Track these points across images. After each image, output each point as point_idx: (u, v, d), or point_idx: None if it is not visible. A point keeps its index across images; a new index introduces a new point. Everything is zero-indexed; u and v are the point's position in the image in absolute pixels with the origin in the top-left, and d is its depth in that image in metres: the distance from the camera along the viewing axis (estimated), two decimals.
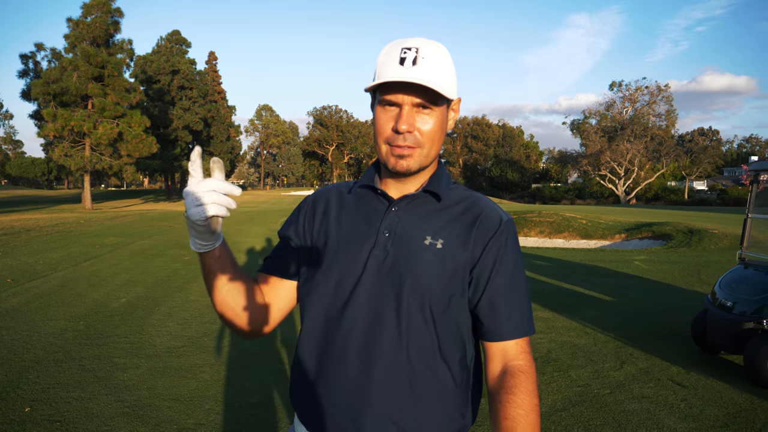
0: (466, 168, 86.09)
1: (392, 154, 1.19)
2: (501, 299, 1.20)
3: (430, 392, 1.18)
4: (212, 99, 55.76)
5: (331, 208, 1.32)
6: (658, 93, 61.44)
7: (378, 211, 1.26)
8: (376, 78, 1.18)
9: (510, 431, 1.10)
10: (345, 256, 1.23)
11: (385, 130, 1.19)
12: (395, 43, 1.19)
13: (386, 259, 1.19)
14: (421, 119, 1.17)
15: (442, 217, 1.24)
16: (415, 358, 1.17)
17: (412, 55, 1.15)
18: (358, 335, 1.18)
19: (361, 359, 1.17)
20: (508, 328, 1.19)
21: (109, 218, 21.87)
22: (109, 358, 4.98)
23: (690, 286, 8.99)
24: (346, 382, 1.18)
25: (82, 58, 30.28)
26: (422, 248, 1.19)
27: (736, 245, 13.54)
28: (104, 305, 7.06)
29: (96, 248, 12.52)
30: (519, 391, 1.13)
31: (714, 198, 52.69)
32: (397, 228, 1.22)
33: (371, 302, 1.18)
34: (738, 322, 4.78)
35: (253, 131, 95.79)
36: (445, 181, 1.28)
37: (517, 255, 1.25)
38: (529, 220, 21.47)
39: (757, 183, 5.50)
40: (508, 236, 1.23)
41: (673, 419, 3.87)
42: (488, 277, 1.20)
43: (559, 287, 8.94)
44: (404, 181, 1.25)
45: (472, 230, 1.22)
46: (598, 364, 5.04)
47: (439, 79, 1.16)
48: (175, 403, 4.04)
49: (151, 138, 32.51)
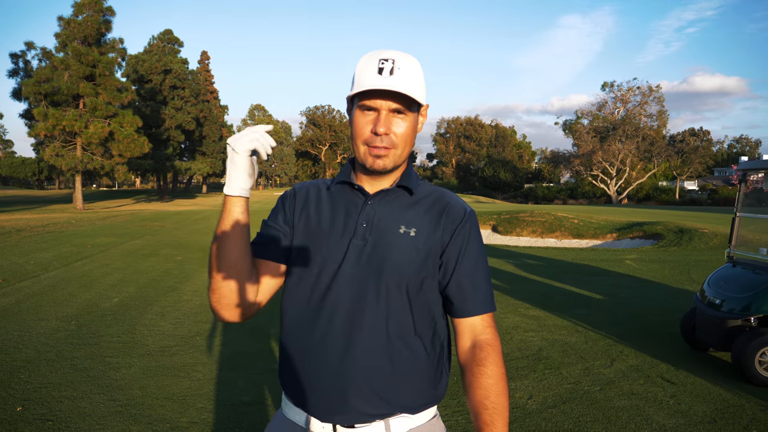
0: (458, 168, 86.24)
1: (370, 154, 1.31)
2: (467, 280, 1.34)
3: (408, 366, 1.30)
4: (204, 99, 55.57)
5: (311, 201, 1.42)
6: (649, 93, 61.81)
7: (356, 204, 1.38)
8: (355, 86, 1.31)
9: (484, 399, 1.24)
10: (327, 244, 1.34)
11: (363, 132, 1.30)
12: (373, 54, 1.31)
13: (365, 247, 1.31)
14: (396, 123, 1.30)
15: (413, 209, 1.37)
16: (394, 336, 1.29)
17: (389, 65, 1.28)
18: (341, 316, 1.28)
19: (344, 338, 1.27)
20: (474, 306, 1.34)
21: (101, 218, 21.77)
22: (101, 358, 4.98)
23: (680, 285, 9.07)
24: (330, 360, 1.27)
25: (74, 57, 30.09)
26: (397, 236, 1.32)
27: (725, 244, 13.66)
28: (96, 305, 7.04)
29: (87, 248, 12.47)
30: (488, 363, 1.28)
31: (705, 198, 53.06)
32: (373, 219, 1.34)
33: (352, 286, 1.29)
34: (726, 319, 4.84)
35: None
36: (415, 178, 1.42)
37: (480, 242, 1.40)
38: (521, 219, 21.55)
39: (745, 182, 5.57)
40: (472, 225, 1.38)
41: (662, 415, 3.92)
42: (456, 262, 1.34)
43: (551, 286, 9.00)
44: (379, 178, 1.38)
45: (440, 220, 1.36)
46: (589, 362, 5.08)
47: (413, 88, 1.29)
48: (167, 401, 4.05)
49: (143, 138, 32.36)
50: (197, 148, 55.74)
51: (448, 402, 4.11)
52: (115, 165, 32.16)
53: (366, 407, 1.27)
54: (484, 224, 22.45)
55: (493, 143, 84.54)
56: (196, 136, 54.08)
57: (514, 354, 5.31)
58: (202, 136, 54.91)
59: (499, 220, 22.15)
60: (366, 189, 1.38)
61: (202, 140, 55.18)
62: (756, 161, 5.46)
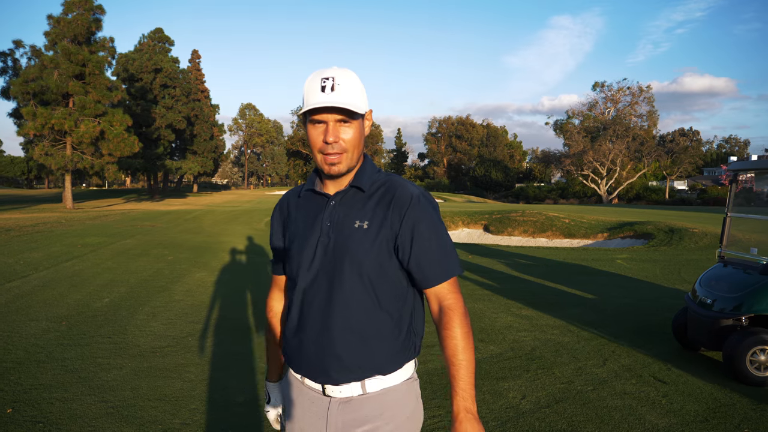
0: (450, 167, 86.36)
1: (326, 163, 1.55)
2: (424, 257, 1.54)
3: (376, 336, 1.54)
4: (195, 98, 55.31)
5: (291, 212, 1.72)
6: (639, 94, 62.14)
7: (320, 206, 1.64)
8: (304, 104, 1.54)
9: (452, 356, 1.50)
10: (303, 245, 1.61)
11: (317, 142, 1.55)
12: (316, 75, 1.54)
13: (329, 243, 1.57)
14: (343, 131, 1.54)
15: (366, 204, 1.59)
16: (361, 312, 1.54)
17: (330, 83, 1.51)
18: (318, 301, 1.56)
19: (321, 318, 1.55)
20: (433, 276, 1.55)
21: (91, 218, 21.60)
22: (92, 359, 4.94)
23: (671, 284, 9.12)
24: (312, 336, 1.57)
25: (63, 56, 29.83)
26: (353, 230, 1.55)
27: (716, 244, 13.76)
28: (87, 305, 6.99)
29: (78, 248, 12.37)
30: (452, 325, 1.52)
31: (694, 198, 53.43)
32: (334, 218, 1.59)
33: (324, 276, 1.56)
34: (717, 318, 4.87)
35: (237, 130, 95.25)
36: (368, 174, 1.63)
37: (431, 218, 1.57)
38: (513, 219, 21.61)
39: (735, 183, 5.60)
40: (419, 207, 1.56)
41: (655, 415, 3.93)
42: (410, 243, 1.54)
43: (543, 285, 9.02)
44: (337, 180, 1.62)
45: (389, 209, 1.56)
46: (582, 362, 5.10)
47: (352, 100, 1.52)
48: (160, 403, 4.02)
49: (134, 137, 32.14)
50: (188, 148, 55.47)
51: (441, 402, 4.11)
52: (105, 164, 31.91)
53: (343, 371, 1.54)
54: (476, 224, 22.49)
55: (484, 143, 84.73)
56: (187, 135, 53.83)
57: (507, 354, 5.32)
58: (193, 135, 54.65)
59: (490, 220, 22.20)
60: (330, 191, 1.63)
61: (193, 139, 54.92)
62: (746, 161, 5.50)
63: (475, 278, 9.63)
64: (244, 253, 12.41)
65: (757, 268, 4.93)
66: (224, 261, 11.15)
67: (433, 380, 4.55)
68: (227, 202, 43.66)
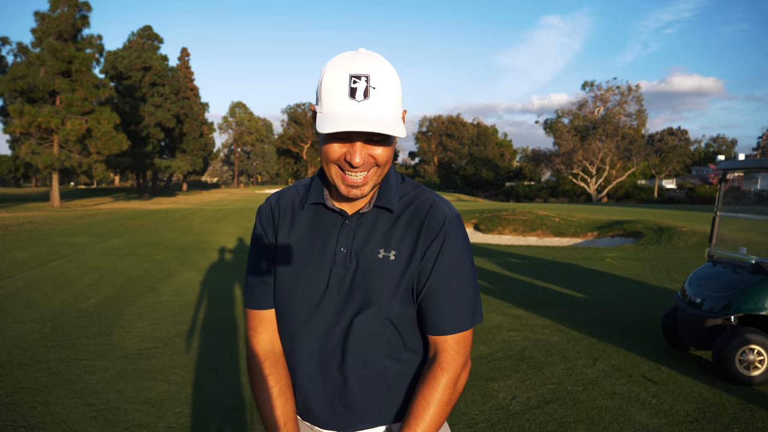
0: (440, 166, 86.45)
1: (344, 183, 1.20)
2: (439, 296, 1.25)
3: (401, 380, 1.29)
4: (185, 96, 54.98)
5: (286, 226, 1.33)
6: (628, 93, 62.51)
7: (333, 225, 1.30)
8: (323, 106, 1.16)
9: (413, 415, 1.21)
10: (308, 273, 1.28)
11: (335, 153, 1.18)
12: (342, 65, 1.15)
13: (345, 277, 1.26)
14: (375, 149, 1.18)
15: (393, 228, 1.27)
16: (384, 356, 1.27)
17: (363, 85, 1.12)
18: (332, 347, 1.26)
19: (335, 362, 1.26)
20: (444, 323, 1.25)
21: (79, 217, 21.39)
22: (76, 361, 4.85)
23: (660, 283, 9.14)
24: (326, 388, 1.28)
25: (49, 53, 29.51)
26: (376, 262, 1.25)
27: (704, 243, 13.84)
28: (72, 306, 6.89)
29: (64, 248, 12.22)
30: (431, 385, 1.22)
31: (683, 196, 53.80)
32: (352, 244, 1.27)
33: (338, 317, 1.25)
34: (707, 318, 4.86)
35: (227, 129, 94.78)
36: (394, 190, 1.30)
37: (459, 251, 1.28)
38: (503, 218, 21.63)
39: (725, 182, 5.60)
40: (449, 233, 1.26)
41: (645, 415, 3.92)
42: (427, 276, 1.25)
43: (533, 285, 9.02)
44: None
45: (420, 234, 1.26)
46: (572, 362, 5.08)
47: (391, 113, 1.16)
48: (145, 406, 3.95)
49: (122, 135, 31.86)
50: (177, 146, 55.12)
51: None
52: (93, 163, 31.62)
53: (366, 422, 1.29)
54: (467, 222, 22.50)
55: (474, 142, 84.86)
56: (177, 134, 53.47)
57: (497, 354, 5.29)
58: (183, 133, 54.31)
59: (481, 219, 22.21)
60: (345, 209, 1.30)
61: (182, 138, 54.58)
62: (736, 161, 5.51)
63: None
64: (233, 253, 12.32)
65: (746, 268, 4.94)
66: (213, 260, 11.06)
67: None
68: (217, 200, 43.41)
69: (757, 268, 4.80)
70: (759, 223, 5.53)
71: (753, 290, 4.68)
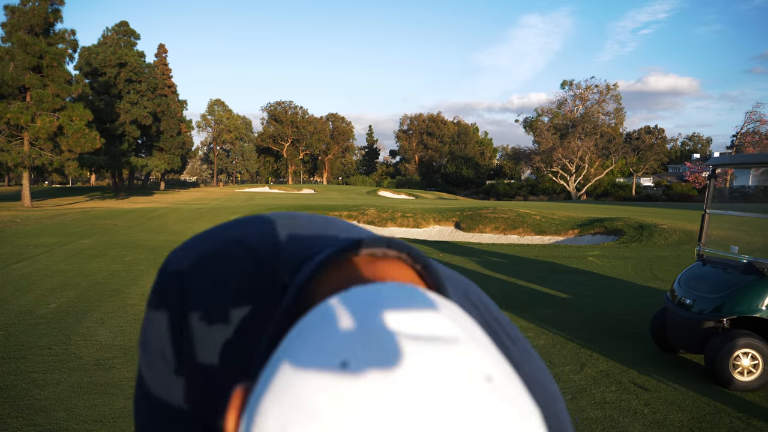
0: (421, 164, 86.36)
1: None
2: None
3: None
4: (162, 93, 53.98)
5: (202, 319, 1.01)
6: (606, 92, 63.03)
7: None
8: None
9: None
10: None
11: None
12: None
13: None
14: None
15: None
16: None
17: None
18: None
19: None
20: None
21: (49, 216, 20.71)
22: (26, 374, 4.47)
23: (644, 282, 8.97)
24: None
25: (19, 47, 28.62)
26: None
27: (685, 240, 13.78)
28: (30, 312, 6.46)
29: (30, 249, 11.70)
30: None
31: (659, 194, 54.37)
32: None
33: None
34: (698, 320, 4.65)
35: (206, 126, 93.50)
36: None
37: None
38: (484, 216, 21.46)
39: (715, 178, 5.40)
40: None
41: (638, 426, 3.67)
42: None
43: (515, 284, 8.78)
44: None
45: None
46: (558, 367, 4.83)
47: None
48: (96, 425, 3.60)
49: (95, 132, 31.03)
50: (154, 144, 54.13)
51: None
52: (65, 161, 30.75)
53: None
54: (447, 221, 22.29)
55: (455, 140, 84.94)
56: (154, 132, 52.51)
57: None
58: (160, 131, 53.33)
59: (461, 217, 22.01)
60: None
61: (159, 136, 53.60)
62: (727, 156, 5.31)
63: None
64: None
65: (737, 268, 4.73)
66: None
67: None
68: (195, 199, 42.66)
69: (750, 268, 4.59)
70: (750, 221, 5.34)
71: (746, 291, 4.47)
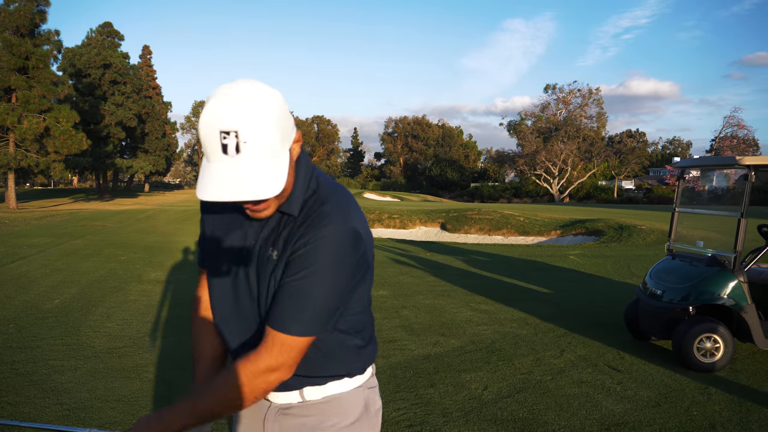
0: (406, 167, 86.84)
1: (248, 210, 1.29)
2: (278, 291, 1.30)
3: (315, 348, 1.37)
4: (147, 95, 53.82)
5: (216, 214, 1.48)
6: (589, 96, 64.06)
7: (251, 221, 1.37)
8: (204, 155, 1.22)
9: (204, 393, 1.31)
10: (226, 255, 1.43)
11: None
12: (210, 118, 1.13)
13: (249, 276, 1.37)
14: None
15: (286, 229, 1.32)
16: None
17: (233, 141, 1.12)
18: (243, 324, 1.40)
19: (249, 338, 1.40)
20: (268, 315, 1.31)
21: (36, 218, 20.77)
22: (44, 361, 4.76)
23: (621, 278, 9.45)
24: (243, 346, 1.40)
25: (5, 48, 28.54)
26: (267, 261, 1.33)
27: (663, 240, 14.32)
28: (36, 307, 6.73)
29: (23, 249, 11.88)
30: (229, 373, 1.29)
31: (641, 196, 55.37)
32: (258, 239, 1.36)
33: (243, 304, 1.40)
34: (667, 308, 5.08)
35: (190, 129, 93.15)
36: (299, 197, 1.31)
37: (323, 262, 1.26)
38: (469, 217, 21.93)
39: (682, 179, 5.85)
40: (319, 244, 1.25)
41: (610, 401, 4.08)
42: (283, 273, 1.29)
43: (500, 281, 9.20)
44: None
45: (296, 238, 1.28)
46: (540, 353, 5.23)
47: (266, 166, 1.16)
48: (118, 403, 3.92)
49: (81, 134, 30.98)
50: (139, 146, 53.92)
51: (406, 395, 4.15)
52: (51, 162, 30.66)
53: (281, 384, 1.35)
54: (433, 222, 22.72)
55: (440, 143, 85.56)
56: (138, 133, 52.31)
57: (468, 347, 5.41)
58: (144, 133, 53.15)
59: (447, 218, 22.46)
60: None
61: (144, 137, 53.42)
62: (692, 159, 5.76)
63: (434, 274, 9.74)
64: (195, 253, 12.15)
65: (703, 261, 5.17)
66: (179, 260, 10.92)
67: (396, 374, 4.59)
68: (180, 201, 42.66)
69: (713, 261, 5.04)
70: (714, 219, 5.80)
71: (709, 282, 4.92)
